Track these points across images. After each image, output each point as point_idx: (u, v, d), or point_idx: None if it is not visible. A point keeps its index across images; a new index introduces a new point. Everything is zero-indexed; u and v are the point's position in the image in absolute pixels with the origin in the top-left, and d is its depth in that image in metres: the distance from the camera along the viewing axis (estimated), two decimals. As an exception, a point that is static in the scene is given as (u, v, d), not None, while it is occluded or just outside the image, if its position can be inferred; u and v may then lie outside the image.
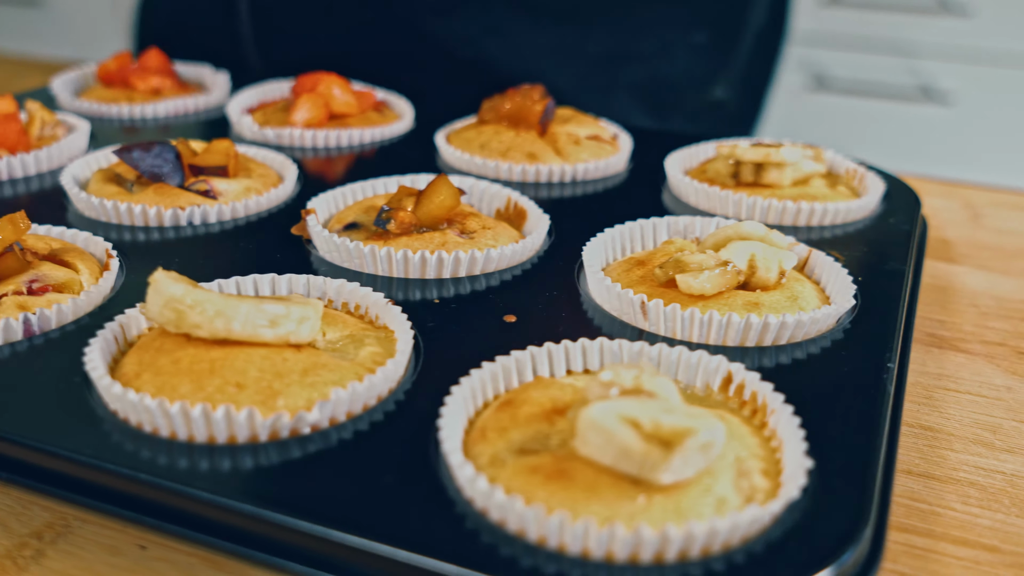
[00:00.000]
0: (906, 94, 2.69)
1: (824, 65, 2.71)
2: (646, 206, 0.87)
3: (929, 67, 2.68)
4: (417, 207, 0.77)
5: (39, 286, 0.67)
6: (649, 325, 0.68)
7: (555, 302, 0.71)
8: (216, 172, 0.84)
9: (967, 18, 2.59)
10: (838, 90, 2.73)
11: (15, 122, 0.91)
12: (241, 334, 0.59)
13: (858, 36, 2.67)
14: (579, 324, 0.68)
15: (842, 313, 0.69)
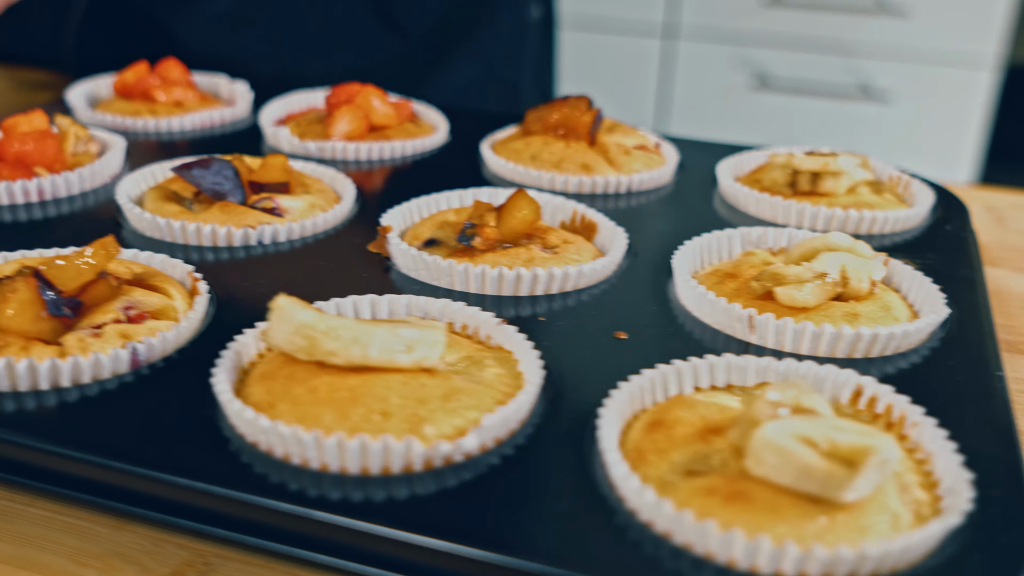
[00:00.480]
0: (846, 92, 2.76)
1: (766, 64, 2.76)
2: (703, 215, 0.88)
3: (868, 66, 2.75)
4: (500, 222, 0.76)
5: (136, 313, 0.65)
6: (757, 339, 0.68)
7: (655, 317, 0.71)
8: (278, 189, 0.82)
9: (904, 18, 2.66)
10: (780, 89, 2.78)
11: (52, 139, 0.87)
12: (378, 360, 0.58)
13: (799, 36, 2.73)
14: (685, 339, 0.68)
15: (940, 323, 0.70)
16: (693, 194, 0.94)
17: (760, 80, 2.74)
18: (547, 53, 1.53)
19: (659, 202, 0.92)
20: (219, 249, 0.77)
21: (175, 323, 0.65)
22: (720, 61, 2.79)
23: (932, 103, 2.72)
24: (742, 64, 2.75)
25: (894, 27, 2.68)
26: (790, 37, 2.73)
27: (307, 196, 0.82)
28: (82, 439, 0.55)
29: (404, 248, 0.74)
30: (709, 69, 2.76)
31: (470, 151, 1.01)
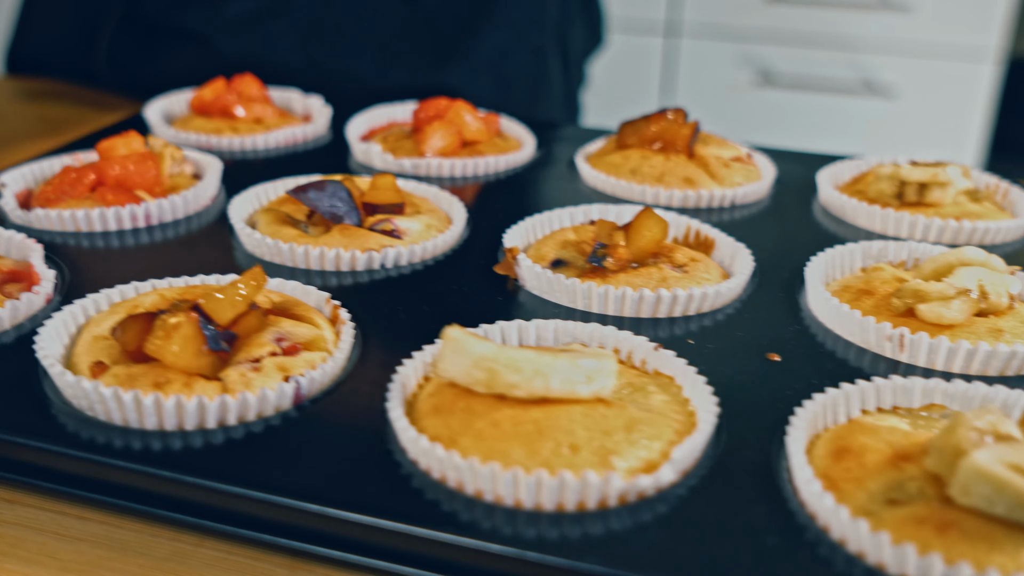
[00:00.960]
0: (849, 88, 2.76)
1: (769, 61, 2.76)
2: (808, 227, 0.88)
3: (871, 61, 2.76)
4: (629, 242, 0.75)
5: (289, 345, 0.64)
6: (907, 357, 0.68)
7: (798, 336, 0.70)
8: (392, 210, 0.81)
9: (907, 13, 2.67)
10: (783, 85, 2.79)
11: (152, 161, 0.86)
12: (559, 392, 0.57)
13: (802, 32, 2.73)
14: (835, 359, 0.68)
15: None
16: (793, 205, 0.93)
17: (763, 77, 2.75)
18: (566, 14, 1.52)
19: (762, 215, 0.91)
20: (342, 274, 0.76)
21: (326, 353, 0.64)
22: (723, 58, 2.79)
23: (935, 97, 2.74)
24: (745, 61, 2.75)
25: (896, 22, 2.69)
26: (793, 33, 2.73)
27: (422, 216, 0.81)
28: (258, 478, 0.54)
29: (538, 270, 0.73)
30: (712, 66, 2.76)
31: (563, 164, 1.00)
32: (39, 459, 0.57)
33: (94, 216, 0.80)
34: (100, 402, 0.58)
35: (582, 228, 0.81)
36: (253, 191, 0.86)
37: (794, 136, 2.83)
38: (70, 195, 0.83)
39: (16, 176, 0.88)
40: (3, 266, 0.74)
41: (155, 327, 0.59)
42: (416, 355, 0.63)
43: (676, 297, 0.71)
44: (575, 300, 0.72)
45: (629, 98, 2.88)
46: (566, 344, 0.66)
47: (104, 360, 0.61)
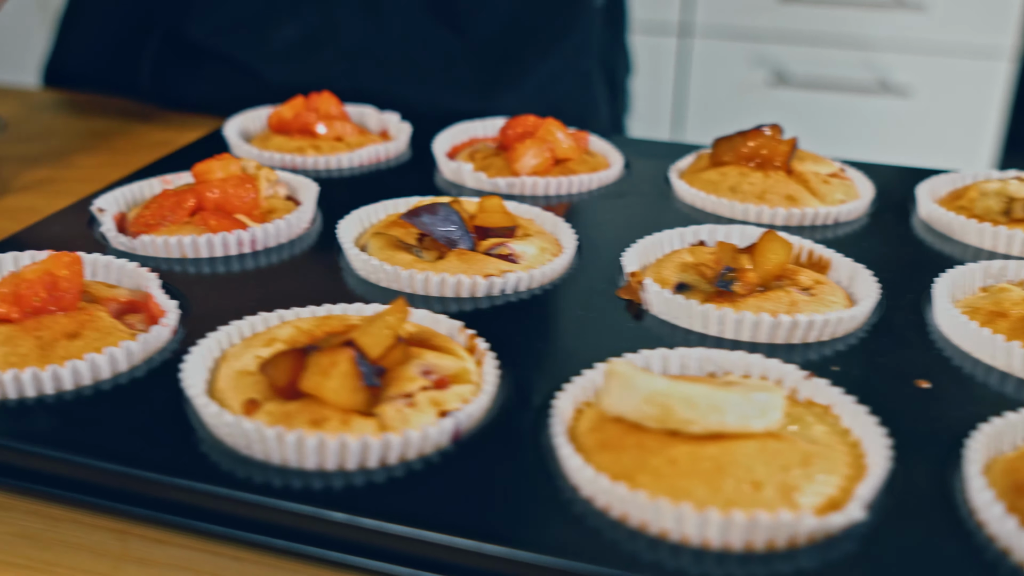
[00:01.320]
0: (863, 87, 2.77)
1: (783, 61, 2.76)
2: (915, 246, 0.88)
3: (885, 60, 2.76)
4: (755, 265, 0.74)
5: (437, 378, 0.62)
6: (1056, 383, 0.67)
7: (940, 361, 0.69)
8: (505, 233, 0.80)
9: (921, 12, 2.67)
10: (797, 85, 2.79)
11: (251, 184, 0.84)
12: (733, 427, 0.55)
13: (816, 32, 2.73)
14: (984, 386, 0.67)
15: None
16: (894, 222, 0.92)
17: (777, 76, 2.75)
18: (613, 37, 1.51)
19: (865, 232, 0.90)
20: (462, 300, 0.75)
21: (474, 386, 0.62)
22: (736, 58, 2.79)
23: (950, 95, 2.74)
24: (759, 61, 2.76)
25: (910, 20, 2.69)
26: (806, 33, 2.73)
27: (534, 240, 0.80)
28: (435, 518, 0.53)
29: (668, 296, 0.72)
30: (725, 67, 2.76)
31: (654, 181, 0.99)
32: (194, 499, 0.56)
33: (201, 242, 0.79)
34: (260, 441, 0.56)
35: (697, 250, 0.80)
36: (356, 214, 0.84)
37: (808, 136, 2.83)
38: (170, 220, 0.82)
39: (109, 200, 0.87)
40: (119, 296, 0.72)
41: (310, 363, 0.58)
42: (568, 387, 0.61)
43: (812, 322, 0.70)
44: (708, 326, 0.71)
45: (643, 99, 2.87)
46: (721, 375, 0.65)
47: (255, 397, 0.59)
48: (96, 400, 0.62)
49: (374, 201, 0.89)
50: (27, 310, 0.66)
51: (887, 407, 0.62)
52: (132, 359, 0.65)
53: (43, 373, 0.61)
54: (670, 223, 0.89)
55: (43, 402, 0.61)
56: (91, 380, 0.63)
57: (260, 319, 0.68)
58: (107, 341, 0.66)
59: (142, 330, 0.69)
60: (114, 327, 0.67)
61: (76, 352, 0.64)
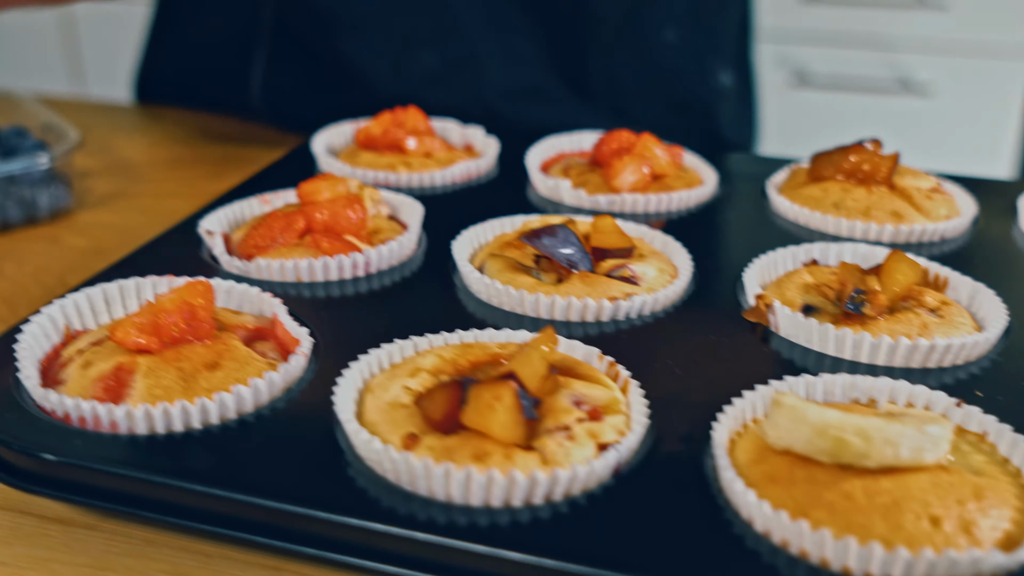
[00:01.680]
0: (885, 87, 2.76)
1: (804, 62, 2.76)
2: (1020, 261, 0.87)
3: (907, 60, 2.75)
4: (884, 287, 0.74)
5: (590, 409, 0.62)
6: None
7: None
8: (623, 254, 0.79)
9: (943, 11, 2.67)
10: (819, 86, 2.79)
11: (359, 205, 0.84)
12: (907, 460, 0.55)
13: (837, 32, 2.73)
14: None
15: None
16: (999, 236, 0.92)
17: (799, 77, 2.74)
18: (744, 115, 1.50)
19: (970, 249, 0.89)
20: (587, 324, 0.74)
21: (626, 416, 0.62)
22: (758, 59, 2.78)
23: (971, 95, 2.74)
24: (780, 62, 2.75)
25: (932, 20, 2.68)
26: (828, 33, 2.72)
27: (651, 260, 0.79)
28: (611, 557, 0.52)
29: (800, 320, 0.71)
30: None
31: (752, 196, 0.98)
32: (352, 535, 0.55)
33: (317, 266, 0.78)
34: (425, 478, 0.55)
35: (816, 270, 0.79)
36: (467, 235, 0.84)
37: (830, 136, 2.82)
38: (281, 242, 0.81)
39: (213, 221, 0.86)
40: (247, 323, 0.71)
41: (472, 397, 0.57)
42: (721, 416, 0.61)
43: (950, 346, 0.69)
44: (842, 350, 0.71)
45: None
46: (867, 402, 0.64)
47: (413, 431, 0.59)
48: (244, 433, 0.61)
49: (474, 219, 0.88)
50: (166, 340, 0.65)
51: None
52: (273, 390, 0.64)
53: (191, 407, 0.61)
54: (776, 240, 0.89)
55: (191, 436, 0.61)
56: (236, 413, 0.63)
57: (397, 347, 0.68)
58: (246, 371, 0.65)
59: (275, 358, 0.69)
60: (250, 356, 0.67)
61: (219, 383, 0.63)
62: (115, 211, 1.15)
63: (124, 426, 0.60)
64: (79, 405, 0.60)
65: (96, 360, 0.65)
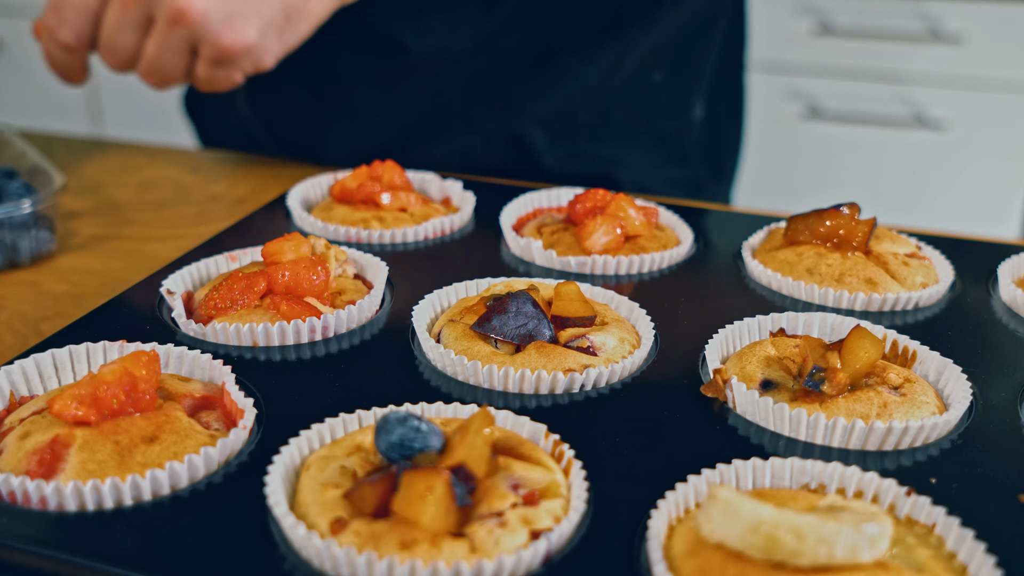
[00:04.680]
0: (899, 121, 2.74)
1: (817, 95, 2.74)
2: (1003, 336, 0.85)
3: (921, 94, 2.73)
4: (844, 364, 0.72)
5: (526, 493, 0.60)
6: None
7: (1040, 472, 0.67)
8: (584, 323, 0.78)
9: (958, 46, 2.65)
10: (831, 119, 2.77)
11: (322, 266, 0.83)
12: (842, 560, 0.53)
13: (851, 66, 2.71)
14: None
15: None
16: (975, 306, 0.90)
17: (811, 110, 2.73)
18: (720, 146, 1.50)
19: (947, 318, 0.87)
20: (541, 397, 0.73)
21: (564, 500, 0.60)
22: (771, 92, 2.77)
23: (985, 130, 2.72)
24: (793, 95, 2.74)
25: (947, 55, 2.67)
26: (841, 67, 2.71)
27: (612, 329, 0.78)
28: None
29: (756, 398, 0.70)
30: (760, 100, 2.74)
31: (726, 258, 0.97)
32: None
33: (274, 331, 0.78)
34: (349, 566, 0.54)
35: (780, 342, 0.78)
36: (429, 299, 0.83)
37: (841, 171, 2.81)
38: (240, 304, 0.80)
39: (176, 280, 0.86)
40: (194, 391, 0.71)
41: (404, 485, 0.56)
42: (661, 503, 0.59)
43: (907, 429, 0.68)
44: (798, 431, 0.69)
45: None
46: (816, 488, 0.62)
47: (342, 515, 0.58)
48: (176, 512, 0.60)
49: (442, 278, 0.87)
50: (105, 413, 0.64)
51: (993, 528, 0.60)
52: (210, 465, 0.64)
53: (122, 484, 0.60)
54: (746, 307, 0.87)
55: (121, 514, 0.60)
56: (169, 489, 0.62)
57: (340, 422, 0.67)
58: (185, 444, 0.64)
59: (218, 430, 0.68)
60: (191, 428, 0.66)
61: (154, 458, 0.63)
62: (97, 254, 1.15)
63: (53, 502, 0.60)
64: (8, 480, 0.60)
65: (34, 431, 0.64)
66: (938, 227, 2.82)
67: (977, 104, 2.74)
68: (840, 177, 2.90)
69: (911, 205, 2.84)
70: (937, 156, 2.80)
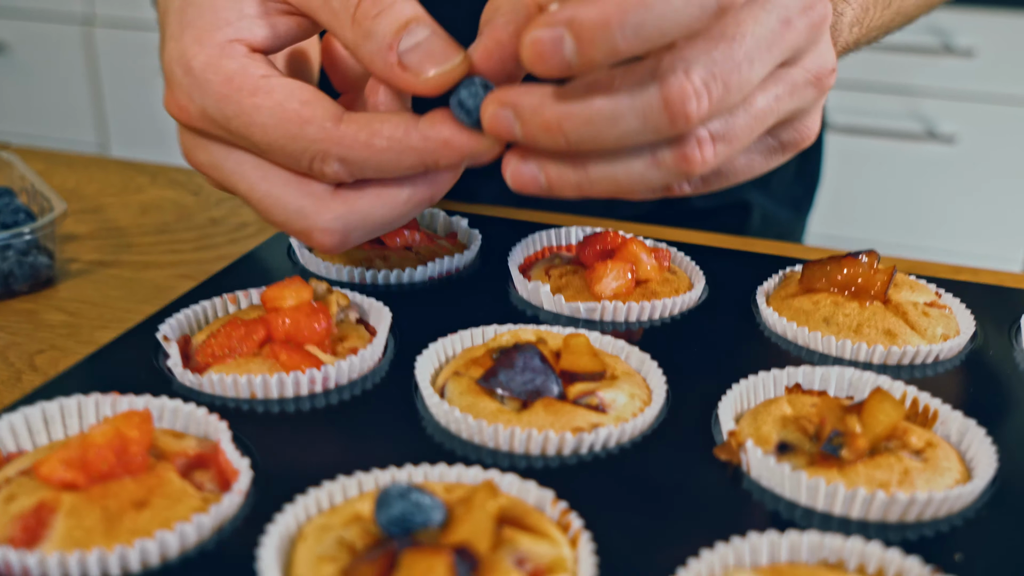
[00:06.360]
0: (908, 134, 2.72)
1: (827, 107, 2.71)
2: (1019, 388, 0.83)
3: (932, 108, 2.71)
4: (865, 428, 0.69)
5: (531, 569, 0.57)
6: None
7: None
8: (594, 378, 0.75)
9: (970, 58, 2.62)
10: (840, 130, 2.75)
11: (324, 314, 0.80)
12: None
13: (860, 79, 2.69)
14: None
15: None
16: (997, 359, 0.87)
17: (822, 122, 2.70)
18: None
19: (967, 373, 0.84)
20: (549, 459, 0.71)
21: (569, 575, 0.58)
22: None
23: (997, 145, 2.70)
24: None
25: (958, 67, 2.65)
26: (851, 80, 2.69)
27: (623, 385, 0.75)
28: None
29: (772, 464, 0.67)
30: None
31: (739, 305, 0.94)
32: None
33: (272, 383, 0.75)
34: (344, 653, 0.52)
35: (796, 399, 0.75)
36: (433, 348, 0.80)
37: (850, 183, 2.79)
38: (239, 352, 0.78)
39: (173, 325, 0.83)
40: (188, 449, 0.68)
41: (403, 565, 0.54)
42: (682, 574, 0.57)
43: (931, 500, 0.65)
44: (815, 500, 0.66)
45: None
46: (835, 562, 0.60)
47: (338, 594, 0.55)
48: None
49: (448, 324, 0.84)
50: (94, 476, 0.62)
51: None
52: (202, 533, 0.61)
53: (109, 554, 0.57)
54: (760, 358, 0.85)
55: (109, 586, 0.57)
56: (159, 559, 0.59)
57: (339, 486, 0.64)
58: (176, 510, 0.62)
59: (212, 491, 0.65)
60: (183, 491, 0.63)
61: (144, 525, 0.60)
62: (96, 282, 1.13)
63: (37, 574, 0.57)
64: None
65: (20, 493, 0.62)
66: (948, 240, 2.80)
67: (988, 118, 2.72)
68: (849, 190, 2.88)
69: (921, 218, 2.81)
70: (948, 170, 2.77)
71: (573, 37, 0.56)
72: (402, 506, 0.56)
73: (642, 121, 0.60)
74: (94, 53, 3.28)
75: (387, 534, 0.57)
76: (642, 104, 0.59)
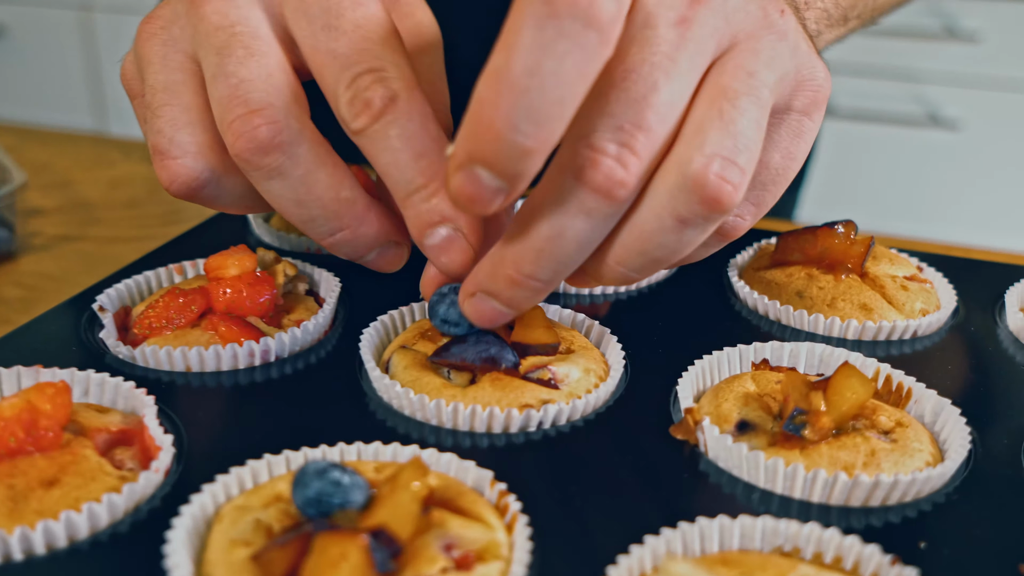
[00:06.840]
0: (912, 120, 2.67)
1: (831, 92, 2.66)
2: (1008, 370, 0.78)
3: (935, 93, 2.67)
4: (830, 406, 0.65)
5: (461, 555, 0.54)
6: None
7: (1044, 535, 0.60)
8: (547, 351, 0.71)
9: (974, 44, 2.57)
10: (843, 116, 2.71)
11: (268, 284, 0.76)
12: (809, 651, 0.46)
13: (864, 63, 2.65)
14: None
15: None
16: (979, 336, 0.82)
17: (825, 107, 2.66)
18: None
19: (947, 350, 0.80)
20: (495, 436, 0.66)
21: (503, 563, 0.54)
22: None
23: (1000, 130, 2.65)
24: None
25: (962, 53, 2.60)
26: (854, 64, 2.64)
27: (578, 359, 0.71)
28: None
29: (729, 444, 0.63)
30: None
31: (709, 276, 0.89)
32: None
33: (208, 356, 0.71)
34: (249, 644, 0.48)
35: (761, 376, 0.71)
36: (381, 321, 0.76)
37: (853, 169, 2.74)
38: (176, 324, 0.74)
39: (112, 295, 0.79)
40: (111, 425, 0.64)
41: (316, 549, 0.50)
42: (612, 571, 0.53)
43: (896, 483, 0.60)
44: (774, 482, 0.62)
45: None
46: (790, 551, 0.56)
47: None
48: (70, 568, 0.54)
49: (401, 296, 0.80)
50: (1, 452, 0.58)
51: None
52: (115, 513, 0.57)
53: (8, 536, 0.53)
54: (728, 332, 0.80)
55: (9, 570, 0.54)
56: (67, 541, 0.55)
57: (264, 464, 0.60)
58: (88, 489, 0.58)
59: (131, 469, 0.62)
60: (99, 469, 0.60)
61: (51, 506, 0.56)
62: (58, 257, 1.09)
63: (-67, 557, 0.53)
64: None
65: (-77, 471, 0.58)
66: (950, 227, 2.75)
67: (992, 103, 2.67)
68: (852, 175, 2.83)
69: (923, 204, 2.77)
70: (951, 155, 2.73)
71: (480, 164, 0.52)
72: (319, 486, 0.52)
73: (584, 215, 0.56)
74: (92, 37, 3.24)
75: (304, 516, 0.53)
76: (575, 203, 0.55)
